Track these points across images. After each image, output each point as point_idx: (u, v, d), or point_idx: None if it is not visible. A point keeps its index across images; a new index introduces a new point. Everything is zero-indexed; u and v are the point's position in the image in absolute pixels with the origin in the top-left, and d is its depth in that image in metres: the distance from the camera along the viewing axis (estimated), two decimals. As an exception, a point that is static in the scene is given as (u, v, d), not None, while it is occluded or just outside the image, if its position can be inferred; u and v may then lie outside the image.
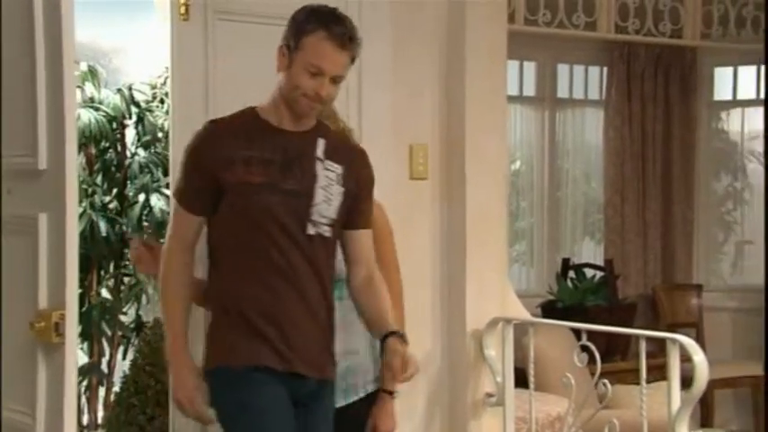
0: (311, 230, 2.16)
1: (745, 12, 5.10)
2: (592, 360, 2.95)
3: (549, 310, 5.13)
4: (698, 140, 5.96)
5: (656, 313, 5.71)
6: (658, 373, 5.19)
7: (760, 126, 5.80)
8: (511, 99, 5.66)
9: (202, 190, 2.16)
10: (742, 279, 6.17)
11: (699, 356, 2.71)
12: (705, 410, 5.35)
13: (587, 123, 5.91)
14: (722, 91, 6.01)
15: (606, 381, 2.93)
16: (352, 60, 2.21)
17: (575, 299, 5.17)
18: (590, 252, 5.95)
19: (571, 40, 5.09)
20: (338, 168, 2.20)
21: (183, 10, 2.71)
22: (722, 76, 5.97)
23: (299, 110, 2.17)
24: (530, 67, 5.71)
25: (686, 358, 5.64)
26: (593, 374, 4.59)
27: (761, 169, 5.87)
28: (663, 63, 5.75)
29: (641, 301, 5.72)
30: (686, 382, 5.68)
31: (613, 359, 4.88)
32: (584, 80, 5.87)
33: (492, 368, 3.23)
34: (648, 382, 4.66)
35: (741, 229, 6.26)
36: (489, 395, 3.27)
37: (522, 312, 3.64)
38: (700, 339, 5.75)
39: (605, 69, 5.73)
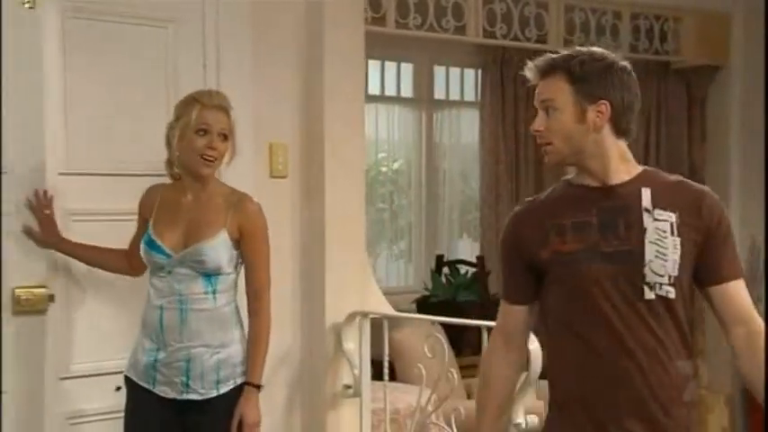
0: (649, 294, 1.84)
1: (603, 20, 5.33)
2: (474, 352, 3.00)
3: (423, 305, 5.26)
4: (567, 141, 6.19)
5: (527, 307, 5.91)
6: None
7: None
8: (389, 100, 5.80)
9: (520, 276, 1.95)
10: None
11: (533, 345, 2.83)
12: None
13: (463, 124, 6.06)
14: (589, 94, 6.25)
15: (453, 371, 3.04)
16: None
17: (448, 294, 5.30)
18: (467, 249, 6.10)
19: (447, 43, 5.22)
20: (671, 217, 1.86)
21: (28, 6, 2.68)
22: (589, 80, 6.21)
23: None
24: (407, 69, 5.82)
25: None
26: (462, 367, 4.73)
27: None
28: (534, 67, 5.93)
29: (514, 295, 5.90)
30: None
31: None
32: (460, 82, 6.02)
33: (350, 361, 3.31)
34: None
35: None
36: (347, 387, 3.35)
37: (384, 307, 3.73)
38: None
39: (480, 72, 5.89)
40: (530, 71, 1.96)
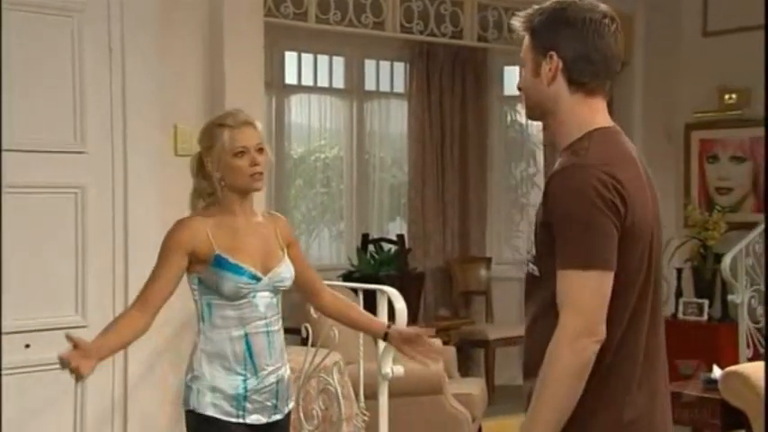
0: (526, 268, 1.75)
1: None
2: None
3: (348, 279, 5.41)
4: (490, 130, 6.38)
5: (451, 283, 6.09)
6: (445, 334, 5.58)
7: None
8: (322, 90, 5.95)
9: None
10: (533, 253, 6.61)
11: (399, 304, 3.00)
12: (487, 367, 5.75)
13: (392, 114, 6.22)
14: (510, 87, 6.44)
15: (335, 329, 3.18)
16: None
17: (371, 269, 5.47)
18: (397, 229, 6.26)
19: (376, 37, 5.37)
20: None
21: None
22: (510, 73, 6.39)
23: None
24: (339, 62, 5.97)
25: (470, 322, 6.03)
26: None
27: (549, 155, 6.31)
28: (459, 61, 6.12)
29: (440, 272, 6.09)
30: (478, 343, 6.04)
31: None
32: (389, 74, 6.18)
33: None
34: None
35: (534, 209, 6.69)
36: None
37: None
38: (488, 305, 6.17)
39: (408, 65, 6.05)
40: (517, 26, 1.77)
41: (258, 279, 2.32)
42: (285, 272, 2.38)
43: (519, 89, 1.80)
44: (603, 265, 1.61)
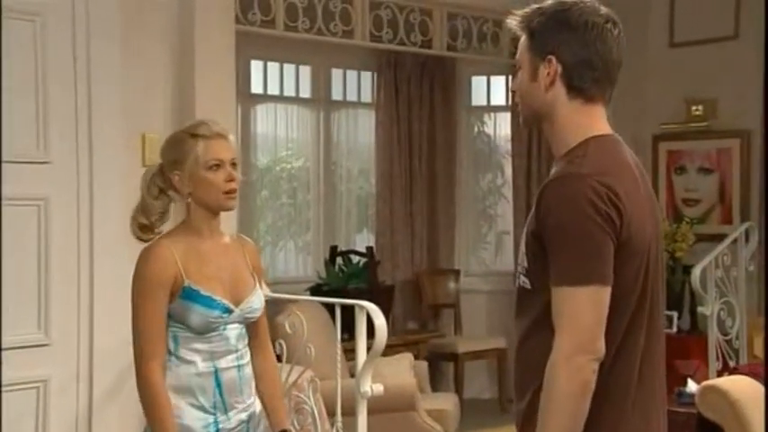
0: (517, 281, 1.68)
1: (485, 28, 5.48)
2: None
3: (316, 292, 5.33)
4: (458, 141, 6.35)
5: (420, 295, 6.03)
6: (414, 347, 5.53)
7: (509, 130, 6.26)
8: (288, 100, 5.87)
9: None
10: (500, 265, 6.60)
11: (379, 320, 2.94)
12: (457, 381, 5.71)
13: (360, 124, 6.16)
14: (478, 97, 6.43)
15: (310, 346, 3.11)
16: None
17: (340, 282, 5.39)
18: (364, 241, 6.19)
19: (343, 46, 5.31)
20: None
21: None
22: (478, 83, 6.38)
23: None
24: (305, 71, 5.90)
25: (439, 335, 5.98)
26: (347, 350, 4.82)
27: (517, 167, 6.31)
28: (427, 70, 6.09)
29: (408, 285, 6.03)
30: (447, 356, 6.01)
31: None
32: (357, 84, 6.12)
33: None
34: (399, 352, 4.94)
35: (502, 221, 6.70)
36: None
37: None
38: (457, 318, 6.13)
39: (375, 74, 6.00)
40: (514, 26, 1.69)
41: (230, 311, 2.17)
42: (256, 302, 2.24)
43: (513, 92, 1.73)
44: (600, 279, 1.54)
